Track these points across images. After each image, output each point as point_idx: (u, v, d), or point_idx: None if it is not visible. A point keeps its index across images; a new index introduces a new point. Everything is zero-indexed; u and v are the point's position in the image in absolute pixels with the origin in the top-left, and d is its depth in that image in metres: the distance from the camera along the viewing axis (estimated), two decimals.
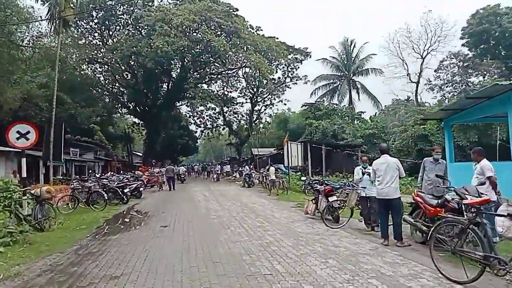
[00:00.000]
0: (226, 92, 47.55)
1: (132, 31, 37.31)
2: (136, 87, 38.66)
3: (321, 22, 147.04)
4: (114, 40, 37.61)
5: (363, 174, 8.83)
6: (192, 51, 33.74)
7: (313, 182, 14.78)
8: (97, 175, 24.78)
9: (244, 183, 23.92)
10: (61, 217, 11.21)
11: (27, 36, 24.97)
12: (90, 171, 27.29)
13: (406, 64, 41.06)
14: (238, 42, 32.59)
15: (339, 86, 43.91)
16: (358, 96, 43.41)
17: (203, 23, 31.23)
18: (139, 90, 38.86)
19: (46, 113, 30.50)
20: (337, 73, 44.06)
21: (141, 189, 18.58)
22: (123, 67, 38.47)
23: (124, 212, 13.40)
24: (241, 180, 29.99)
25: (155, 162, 43.14)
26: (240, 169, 32.64)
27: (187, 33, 30.76)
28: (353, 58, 43.04)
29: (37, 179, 21.89)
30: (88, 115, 35.04)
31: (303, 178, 18.04)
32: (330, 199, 9.73)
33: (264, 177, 22.34)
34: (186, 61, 36.71)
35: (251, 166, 26.59)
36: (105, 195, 13.93)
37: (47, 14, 18.83)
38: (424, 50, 40.29)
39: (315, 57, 44.22)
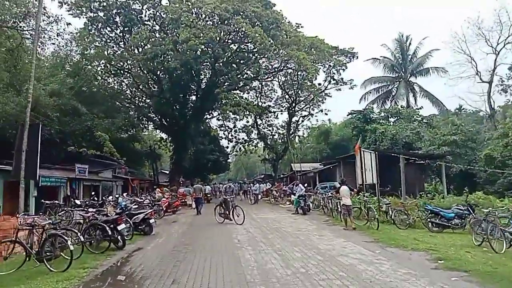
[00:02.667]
0: (259, 103, 41.10)
1: (158, 35, 31.69)
2: (162, 96, 32.75)
3: (368, 18, 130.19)
4: (140, 49, 32.02)
5: None
6: (224, 47, 27.46)
7: None
8: (104, 198, 18.66)
9: (298, 208, 16.63)
10: None
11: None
12: (93, 193, 20.94)
13: (474, 61, 33.06)
14: (278, 34, 26.00)
15: (393, 89, 36.29)
16: (415, 100, 35.52)
17: (237, 13, 24.90)
18: (165, 100, 32.91)
19: (57, 123, 25.12)
20: (391, 74, 36.44)
21: (151, 220, 11.79)
22: (147, 74, 32.82)
23: (99, 279, 6.58)
24: (286, 203, 22.84)
25: (183, 181, 36.84)
26: (287, 187, 25.40)
27: (218, 24, 24.50)
28: (410, 57, 35.36)
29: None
30: (106, 127, 29.49)
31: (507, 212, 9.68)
32: None
33: (330, 200, 15.04)
34: (217, 64, 30.44)
35: (305, 185, 19.14)
36: (70, 241, 7.15)
37: None
38: (498, 43, 32.29)
39: (362, 58, 37.17)
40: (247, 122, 42.44)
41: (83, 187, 23.57)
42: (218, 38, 24.97)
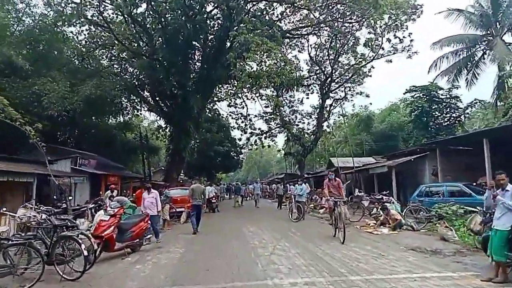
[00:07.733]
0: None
1: None
2: (154, 56, 21.44)
3: None
4: None
5: None
6: None
7: None
8: None
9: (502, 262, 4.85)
10: None
11: None
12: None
13: None
14: None
15: (476, 52, 24.74)
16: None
17: None
18: (158, 63, 21.62)
19: None
20: (478, 32, 24.64)
21: None
22: (133, 29, 21.71)
23: None
24: (378, 226, 11.40)
25: (183, 180, 25.31)
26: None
27: None
28: (505, 3, 23.52)
29: None
30: (63, 97, 18.23)
31: None
32: None
33: None
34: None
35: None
36: None
37: None
38: None
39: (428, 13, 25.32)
40: (268, 103, 31.15)
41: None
42: None
